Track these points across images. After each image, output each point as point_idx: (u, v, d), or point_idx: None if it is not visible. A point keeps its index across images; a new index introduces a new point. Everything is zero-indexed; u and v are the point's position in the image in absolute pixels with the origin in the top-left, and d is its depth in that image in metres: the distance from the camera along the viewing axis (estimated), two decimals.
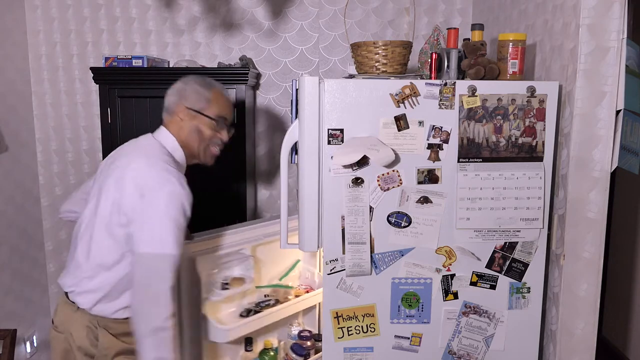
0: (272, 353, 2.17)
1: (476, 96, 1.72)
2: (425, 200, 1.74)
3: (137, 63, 2.50)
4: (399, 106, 1.71)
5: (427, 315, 1.80)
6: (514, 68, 1.79)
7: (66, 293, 1.71)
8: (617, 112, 1.68)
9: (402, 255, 1.76)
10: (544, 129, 1.74)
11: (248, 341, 2.15)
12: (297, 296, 2.20)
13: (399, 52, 1.85)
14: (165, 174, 1.59)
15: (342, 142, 1.71)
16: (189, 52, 2.83)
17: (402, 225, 1.75)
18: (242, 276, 2.02)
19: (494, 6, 2.51)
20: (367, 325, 1.79)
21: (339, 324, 1.78)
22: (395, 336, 1.80)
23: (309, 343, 2.18)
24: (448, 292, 1.80)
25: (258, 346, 2.21)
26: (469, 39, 1.90)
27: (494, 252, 1.79)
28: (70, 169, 2.93)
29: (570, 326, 1.77)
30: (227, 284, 2.00)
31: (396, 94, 1.70)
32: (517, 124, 1.73)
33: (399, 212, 1.74)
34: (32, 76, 2.85)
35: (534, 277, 1.80)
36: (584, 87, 1.68)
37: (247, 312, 2.07)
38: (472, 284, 1.80)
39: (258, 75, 2.84)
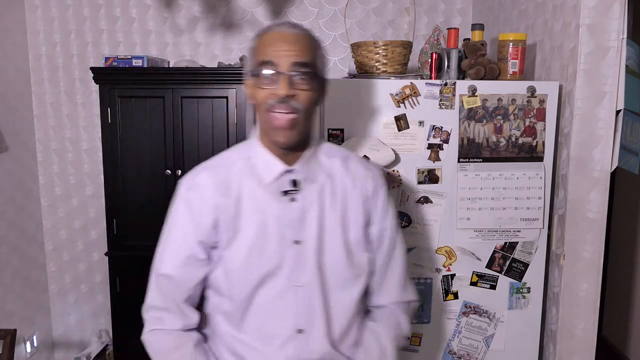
0: None
1: (476, 96, 1.72)
2: (425, 200, 1.74)
3: (137, 63, 2.49)
4: (399, 106, 1.71)
5: (427, 315, 1.80)
6: (514, 68, 1.79)
7: None
8: (617, 112, 1.68)
9: None
10: (544, 129, 1.74)
11: None
12: None
13: (399, 52, 1.85)
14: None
15: (342, 142, 1.71)
16: (189, 52, 2.83)
17: (402, 225, 1.75)
18: None
19: (494, 6, 2.51)
20: None
21: None
22: None
23: None
24: (448, 292, 1.80)
25: None
26: (469, 39, 1.90)
27: (494, 252, 1.79)
28: (70, 169, 2.92)
29: (570, 326, 1.77)
30: None
31: (396, 94, 1.70)
32: (517, 124, 1.73)
33: (399, 211, 1.74)
34: (32, 76, 2.85)
35: (534, 277, 1.80)
36: (584, 87, 1.68)
37: None
38: (472, 284, 1.80)
39: None
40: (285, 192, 1.19)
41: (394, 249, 1.31)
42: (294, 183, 1.20)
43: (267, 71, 1.12)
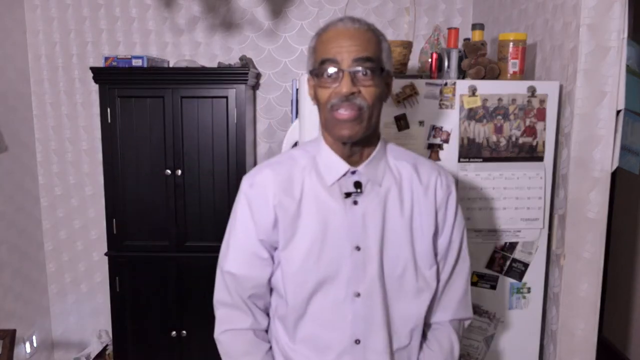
0: None
1: (476, 96, 1.72)
2: None
3: (137, 63, 2.49)
4: (399, 106, 1.70)
5: None
6: (514, 68, 1.79)
7: None
8: (618, 112, 1.68)
9: None
10: (544, 129, 1.74)
11: None
12: None
13: (399, 52, 1.85)
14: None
15: None
16: (189, 52, 2.83)
17: None
18: None
19: (494, 6, 2.50)
20: None
21: None
22: None
23: None
24: None
25: None
26: (469, 39, 1.90)
27: (494, 252, 1.79)
28: (70, 169, 2.92)
29: (571, 326, 1.77)
30: None
31: (396, 94, 1.70)
32: (518, 124, 1.73)
33: None
34: (31, 76, 2.85)
35: (534, 277, 1.80)
36: (584, 87, 1.67)
37: None
38: (472, 284, 1.80)
39: (258, 75, 2.84)
40: (348, 194, 1.13)
41: (459, 263, 1.25)
42: (357, 185, 1.14)
43: (328, 69, 1.07)
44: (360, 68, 1.06)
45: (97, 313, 3.00)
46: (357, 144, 1.13)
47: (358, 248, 1.13)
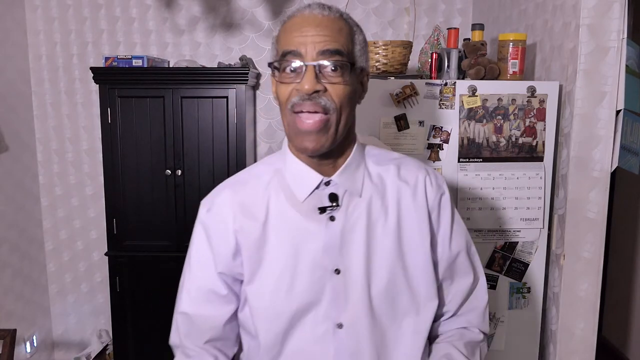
0: None
1: (476, 96, 1.72)
2: None
3: (137, 63, 2.49)
4: (399, 106, 1.71)
5: None
6: (514, 68, 1.79)
7: None
8: (617, 112, 1.68)
9: None
10: (544, 129, 1.74)
11: None
12: None
13: (399, 52, 1.85)
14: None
15: None
16: (189, 52, 2.83)
17: None
18: None
19: (494, 6, 2.51)
20: None
21: None
22: None
23: None
24: None
25: None
26: (469, 39, 1.90)
27: (494, 252, 1.79)
28: (70, 169, 2.92)
29: (570, 326, 1.77)
30: None
31: (396, 94, 1.70)
32: (518, 124, 1.73)
33: None
34: (32, 76, 2.85)
35: (534, 277, 1.80)
36: (584, 87, 1.68)
37: None
38: None
39: (258, 75, 2.84)
40: (323, 210, 0.97)
41: (469, 280, 1.07)
42: (333, 197, 0.97)
43: (289, 63, 0.90)
44: (326, 62, 0.90)
45: (97, 313, 3.00)
46: (325, 154, 0.96)
47: (338, 271, 0.97)
